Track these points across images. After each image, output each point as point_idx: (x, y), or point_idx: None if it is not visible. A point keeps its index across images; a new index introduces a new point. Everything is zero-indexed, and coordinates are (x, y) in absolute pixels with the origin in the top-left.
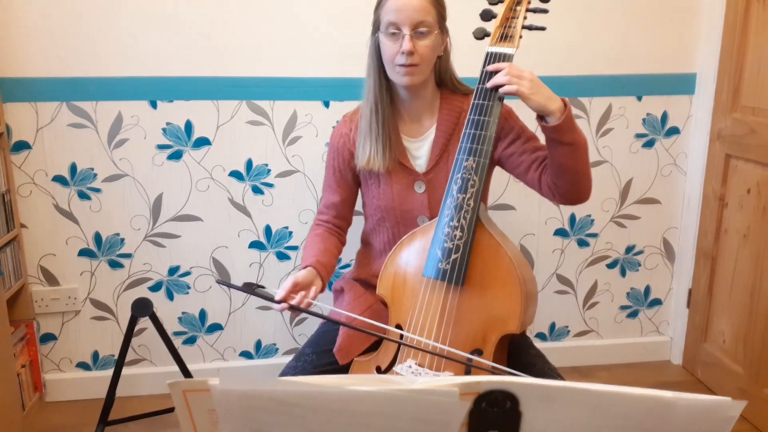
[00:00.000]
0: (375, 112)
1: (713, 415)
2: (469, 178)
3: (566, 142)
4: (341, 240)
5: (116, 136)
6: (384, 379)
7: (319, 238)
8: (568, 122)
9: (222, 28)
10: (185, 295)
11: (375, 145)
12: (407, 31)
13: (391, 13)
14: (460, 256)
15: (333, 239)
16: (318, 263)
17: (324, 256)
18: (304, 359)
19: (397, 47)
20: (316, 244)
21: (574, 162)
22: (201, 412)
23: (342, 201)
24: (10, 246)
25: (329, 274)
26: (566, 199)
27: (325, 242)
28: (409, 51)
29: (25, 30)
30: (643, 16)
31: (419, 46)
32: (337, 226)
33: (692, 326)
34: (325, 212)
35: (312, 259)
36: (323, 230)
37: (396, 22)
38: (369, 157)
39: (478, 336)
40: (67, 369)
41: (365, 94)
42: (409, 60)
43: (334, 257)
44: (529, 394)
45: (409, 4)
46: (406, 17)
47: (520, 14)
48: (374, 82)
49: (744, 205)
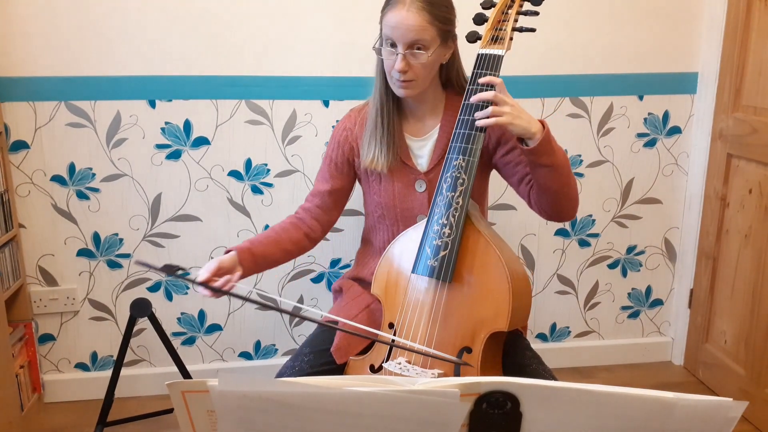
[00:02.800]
0: (380, 114)
1: (714, 416)
2: (459, 177)
3: (544, 164)
4: (310, 237)
5: (115, 136)
6: (384, 380)
7: (279, 228)
8: (545, 145)
9: (221, 27)
10: (184, 296)
11: (379, 145)
12: (401, 49)
13: (388, 27)
14: (448, 253)
15: (296, 234)
16: (248, 251)
17: (264, 247)
18: (302, 359)
19: (392, 61)
20: (269, 231)
21: (554, 183)
22: (200, 413)
23: (330, 191)
24: (9, 246)
25: (258, 265)
26: (551, 217)
27: (281, 234)
28: (401, 70)
29: (23, 29)
30: (645, 15)
31: (413, 65)
32: (315, 217)
33: (693, 327)
34: (310, 200)
35: (244, 244)
36: (291, 221)
37: (392, 38)
38: (373, 157)
39: (467, 333)
40: (65, 369)
41: (372, 95)
42: (402, 77)
43: (282, 251)
44: (530, 395)
45: (404, 23)
46: (400, 36)
47: (511, 17)
48: (380, 84)
49: (745, 205)
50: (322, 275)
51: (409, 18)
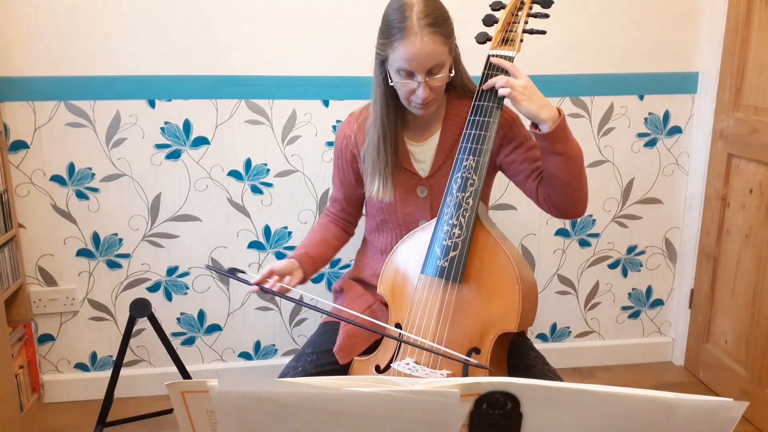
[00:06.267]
0: (383, 140)
1: (715, 416)
2: (469, 177)
3: (557, 152)
4: (347, 231)
5: (114, 136)
6: (384, 380)
7: (320, 227)
8: (560, 132)
9: (220, 27)
10: (184, 296)
11: (382, 177)
12: (421, 78)
13: (402, 61)
14: (458, 254)
15: (335, 229)
16: (305, 255)
17: (316, 248)
18: (305, 359)
19: (410, 88)
20: (312, 235)
21: (565, 173)
22: (200, 414)
23: (345, 198)
24: (8, 246)
25: (316, 266)
26: (560, 212)
27: (324, 233)
28: (426, 98)
29: (22, 29)
30: (645, 14)
31: (434, 86)
32: (343, 219)
33: (694, 327)
34: (331, 205)
35: (300, 251)
36: (329, 220)
37: (409, 69)
38: (377, 189)
39: (475, 334)
40: (65, 370)
41: (371, 119)
42: (424, 101)
43: (330, 248)
44: (530, 396)
45: (421, 53)
46: (419, 65)
47: (521, 19)
48: (381, 109)
49: (746, 205)
50: (321, 275)
51: (425, 47)
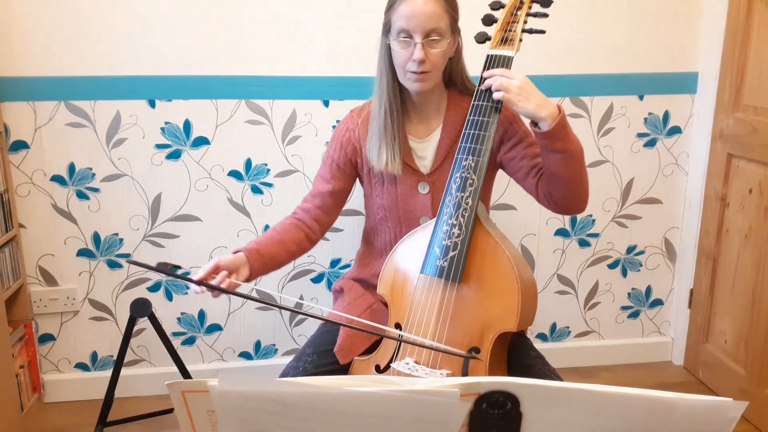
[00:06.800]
0: (389, 114)
1: (714, 416)
2: (468, 177)
3: (557, 150)
4: (310, 238)
5: (114, 136)
6: (384, 380)
7: (281, 227)
8: (559, 130)
9: (220, 27)
10: (184, 296)
11: (391, 149)
12: (419, 39)
13: (402, 19)
14: (457, 254)
15: (297, 235)
16: (255, 251)
17: (270, 247)
18: (305, 359)
19: (408, 54)
20: (270, 233)
21: (566, 171)
22: (200, 413)
23: (331, 192)
24: (9, 246)
25: (266, 267)
26: (561, 208)
27: (284, 234)
28: (420, 60)
29: (22, 29)
30: (645, 14)
31: (431, 54)
32: (314, 218)
33: (693, 327)
34: (309, 200)
35: (251, 246)
36: (292, 222)
37: (407, 29)
38: (386, 162)
39: (475, 334)
40: (65, 369)
41: (377, 95)
42: (420, 68)
43: (286, 252)
44: (530, 395)
45: (421, 11)
46: (417, 24)
47: (520, 19)
48: (386, 83)
49: (746, 205)
50: (322, 275)
51: (426, 6)
